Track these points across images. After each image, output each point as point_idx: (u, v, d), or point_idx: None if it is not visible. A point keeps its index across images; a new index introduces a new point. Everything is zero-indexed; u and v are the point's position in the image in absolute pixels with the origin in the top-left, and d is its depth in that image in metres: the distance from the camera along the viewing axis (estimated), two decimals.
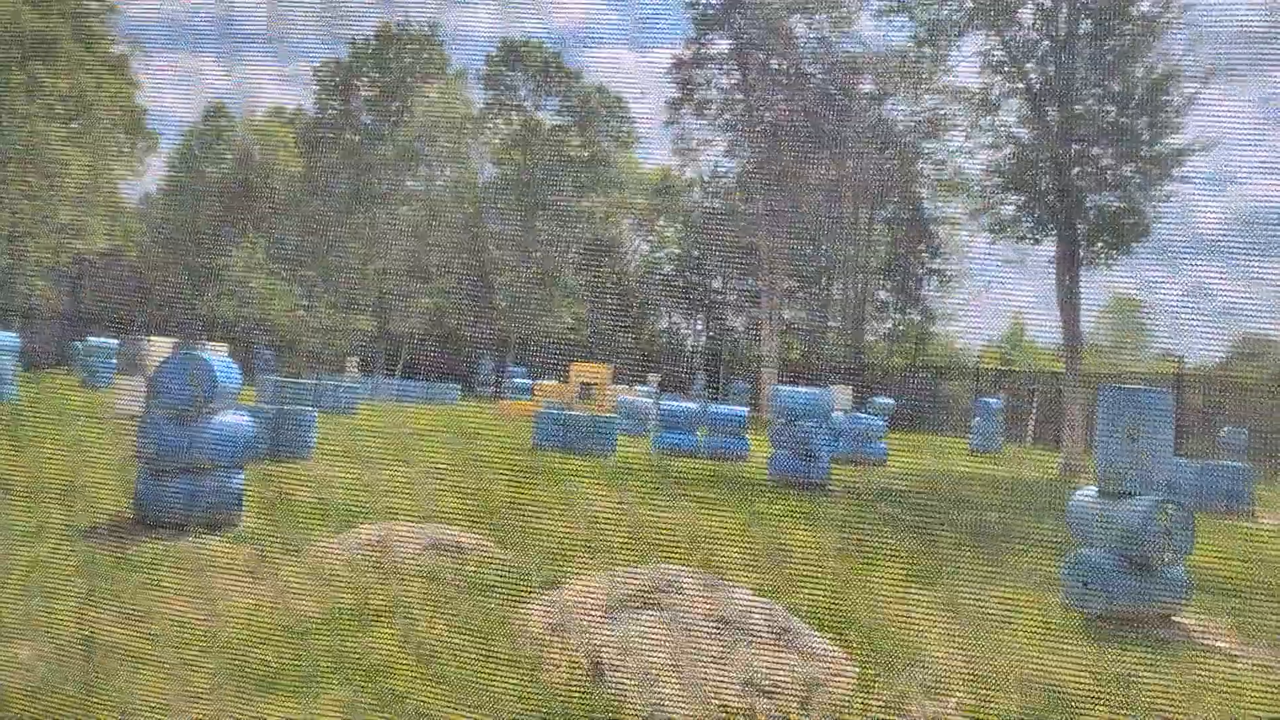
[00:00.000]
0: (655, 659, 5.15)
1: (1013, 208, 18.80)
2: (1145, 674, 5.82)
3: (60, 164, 24.39)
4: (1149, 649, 6.41)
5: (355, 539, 7.51)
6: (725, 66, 27.53)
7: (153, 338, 17.45)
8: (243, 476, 8.57)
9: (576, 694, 4.97)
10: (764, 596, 5.94)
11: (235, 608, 6.04)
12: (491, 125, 32.87)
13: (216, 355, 9.37)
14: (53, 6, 23.93)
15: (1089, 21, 17.48)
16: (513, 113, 32.58)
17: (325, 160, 30.62)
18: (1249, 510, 12.41)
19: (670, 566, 6.26)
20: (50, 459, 9.32)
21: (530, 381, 23.74)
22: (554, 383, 23.34)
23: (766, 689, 4.93)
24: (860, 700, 4.94)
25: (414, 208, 31.45)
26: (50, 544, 6.97)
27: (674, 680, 4.94)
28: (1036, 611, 6.80)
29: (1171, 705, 5.42)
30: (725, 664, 5.13)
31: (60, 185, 24.85)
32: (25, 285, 24.49)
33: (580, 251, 32.19)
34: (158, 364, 8.95)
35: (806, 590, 6.52)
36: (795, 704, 4.81)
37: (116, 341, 19.60)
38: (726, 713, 4.71)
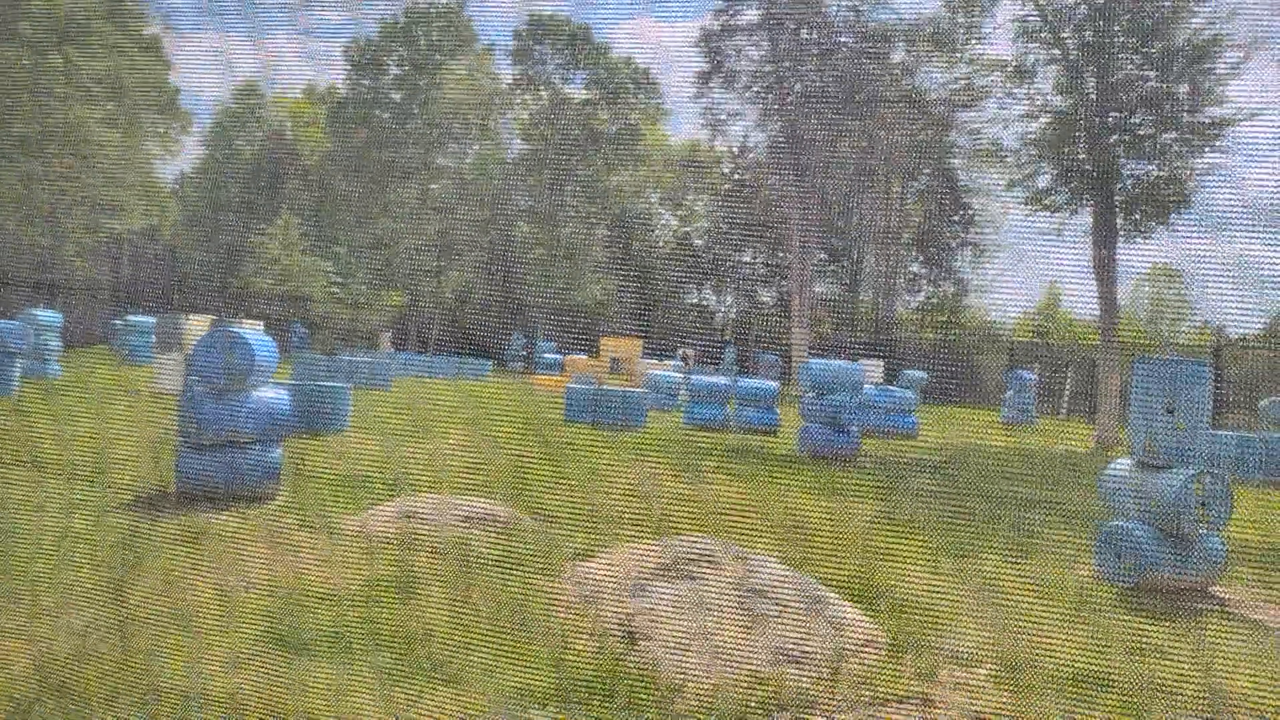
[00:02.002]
0: (687, 628, 5.21)
1: (1048, 178, 18.50)
2: (1179, 645, 5.80)
3: (97, 145, 24.75)
4: (1183, 620, 6.38)
5: (391, 511, 7.64)
6: (754, 37, 27.23)
7: (190, 315, 17.74)
8: (280, 451, 8.75)
9: (609, 662, 5.05)
10: (794, 568, 5.98)
11: (274, 578, 6.19)
12: (520, 100, 32.84)
13: (253, 332, 9.53)
14: None
15: None
16: (541, 88, 32.52)
17: (356, 138, 30.79)
18: None
19: (701, 538, 6.32)
20: (94, 435, 9.56)
21: (560, 356, 23.86)
22: (584, 357, 23.45)
23: (796, 658, 4.98)
24: (890, 669, 4.97)
25: (444, 184, 31.58)
26: (94, 517, 7.16)
27: (705, 649, 5.00)
28: (1069, 583, 6.78)
29: (1206, 677, 5.40)
30: (756, 633, 5.19)
31: (97, 165, 25.22)
32: (65, 264, 24.96)
33: (609, 226, 32.17)
34: (196, 341, 9.13)
35: (836, 562, 6.55)
36: (825, 673, 4.85)
37: (155, 319, 19.95)
38: (757, 680, 4.76)
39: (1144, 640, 5.78)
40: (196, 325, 16.00)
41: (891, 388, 17.70)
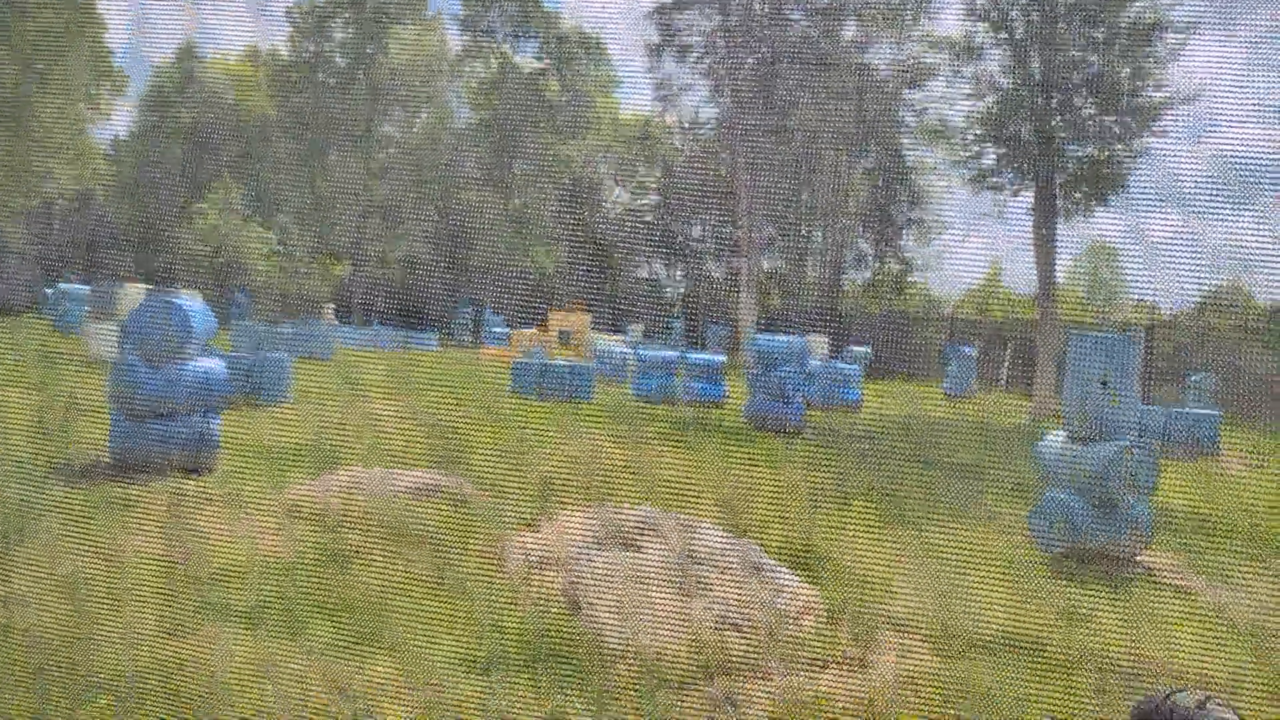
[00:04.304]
0: (631, 595, 5.26)
1: (993, 157, 18.79)
2: (1105, 609, 6.00)
3: (28, 106, 23.79)
4: (1110, 586, 6.60)
5: (334, 481, 7.56)
6: (706, 10, 27.10)
7: (125, 283, 17.23)
8: (219, 421, 8.57)
9: (554, 628, 5.07)
10: (738, 536, 6.05)
11: (213, 548, 6.09)
12: (469, 68, 32.30)
13: (190, 300, 9.30)
14: None
15: None
16: (491, 56, 32.01)
17: (298, 103, 30.03)
18: (1215, 454, 12.67)
19: (647, 508, 6.36)
20: (24, 403, 9.26)
21: (508, 329, 23.69)
22: (532, 330, 23.32)
23: (738, 624, 5.05)
24: (829, 633, 5.07)
25: (390, 152, 31.01)
26: (26, 486, 6.96)
27: (648, 616, 5.05)
28: (1003, 550, 6.97)
29: (1131, 639, 5.60)
30: (698, 600, 5.25)
31: (28, 128, 24.27)
32: None
33: (559, 198, 31.93)
34: (131, 309, 8.88)
35: (779, 530, 6.65)
36: (765, 637, 4.93)
37: (88, 287, 19.34)
38: (699, 646, 4.82)
39: (1073, 605, 5.98)
40: (132, 293, 15.55)
41: (836, 361, 17.93)
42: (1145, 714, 1.63)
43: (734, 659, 4.80)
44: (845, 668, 4.83)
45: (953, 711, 4.40)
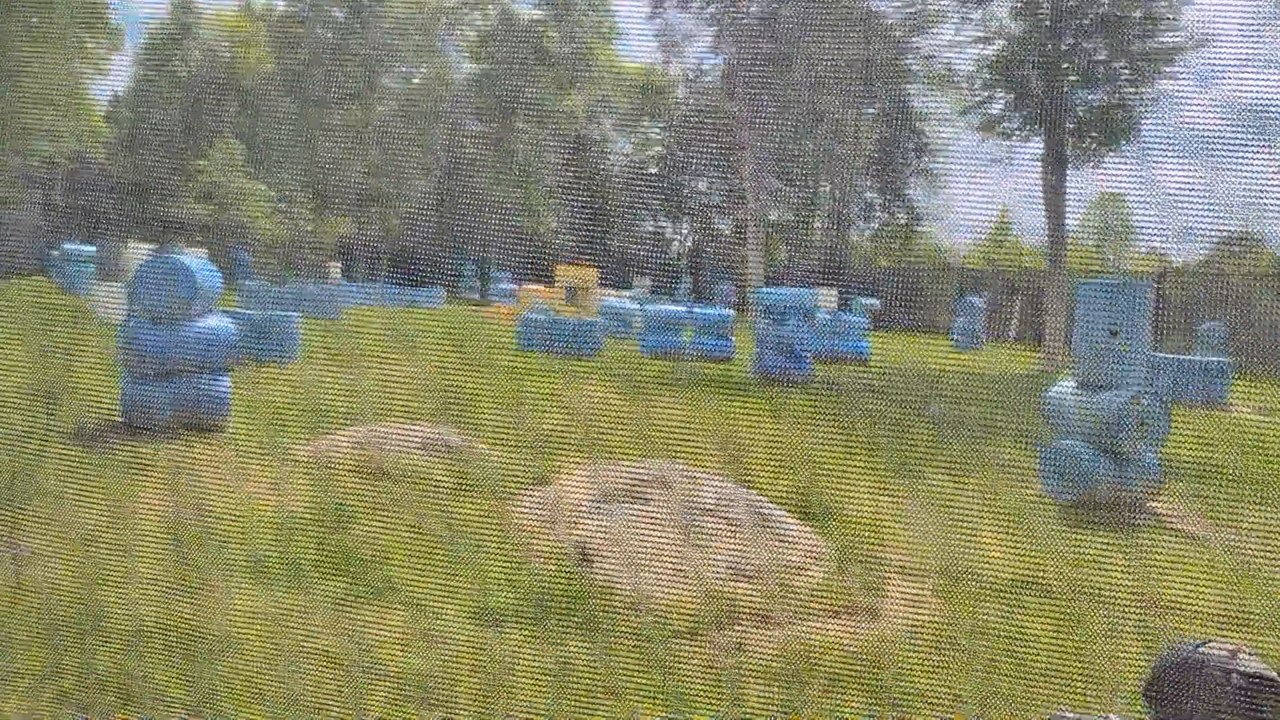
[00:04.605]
0: (641, 547, 5.29)
1: (1001, 104, 18.50)
2: (1115, 556, 6.03)
3: (22, 63, 23.52)
4: (1120, 533, 6.62)
5: (345, 439, 7.58)
6: None
7: (130, 242, 17.18)
8: (229, 380, 8.59)
9: (565, 581, 5.11)
10: (745, 488, 6.07)
11: (227, 506, 6.13)
12: (467, 18, 31.81)
13: (195, 259, 9.27)
14: None
15: None
16: (489, 5, 31.49)
17: (298, 58, 29.66)
18: (1224, 401, 12.65)
19: (656, 461, 6.37)
20: (34, 364, 9.28)
21: (515, 285, 23.61)
22: (539, 286, 23.23)
23: (748, 574, 5.08)
24: (838, 582, 5.10)
25: (391, 106, 30.67)
26: (36, 448, 7.00)
27: (659, 567, 5.08)
28: (1013, 499, 6.99)
29: (1141, 585, 5.63)
30: (709, 551, 5.28)
31: (23, 86, 24.02)
32: None
33: (563, 152, 31.61)
34: (136, 268, 8.85)
35: (788, 482, 6.66)
36: (775, 586, 4.97)
37: (93, 247, 19.29)
38: (710, 595, 4.86)
39: (1083, 552, 6.00)
40: (138, 253, 15.51)
41: (844, 313, 17.86)
42: (1174, 665, 1.61)
43: (742, 608, 4.84)
44: (854, 616, 4.87)
45: (962, 658, 4.44)
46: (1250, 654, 1.56)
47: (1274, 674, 1.54)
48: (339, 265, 26.97)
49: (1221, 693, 1.52)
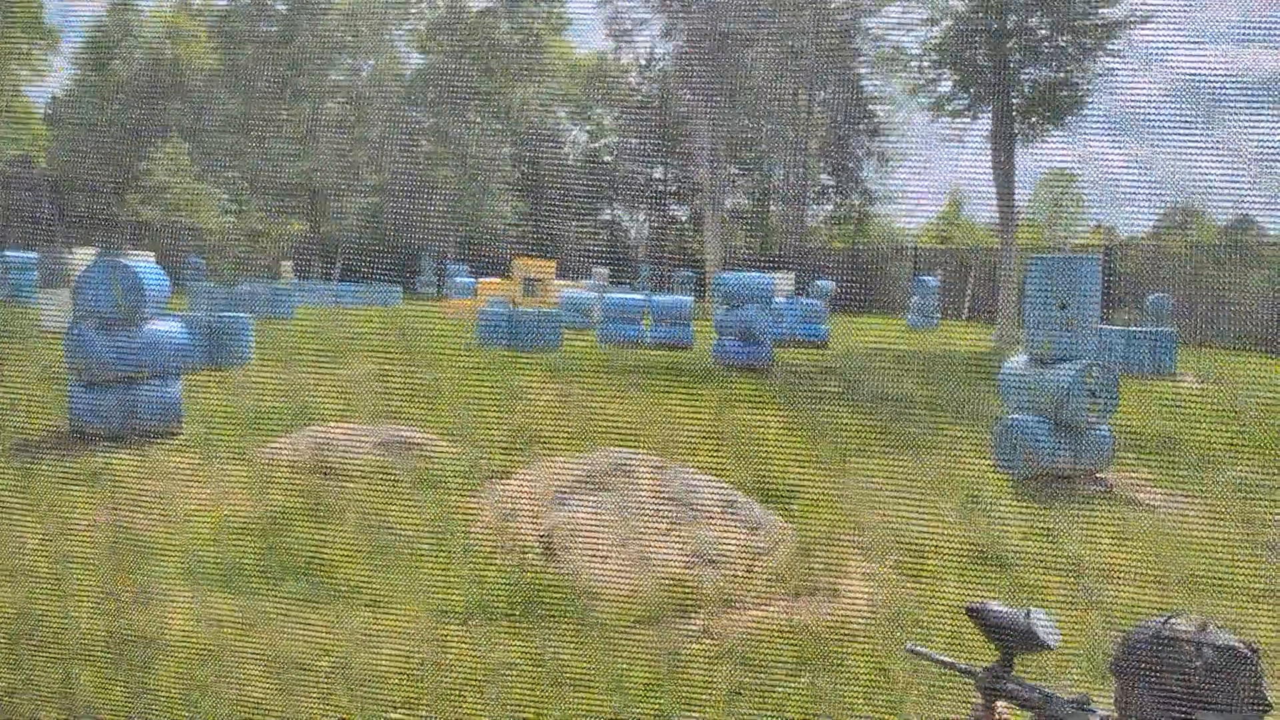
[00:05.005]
0: (606, 538, 5.29)
1: (949, 84, 18.70)
2: (1070, 527, 6.15)
3: None
4: (1074, 504, 6.76)
5: (303, 440, 7.49)
6: None
7: (74, 249, 16.77)
8: (180, 385, 8.43)
9: (530, 575, 5.10)
10: (708, 475, 6.10)
11: (184, 512, 6.03)
12: (415, 9, 31.41)
13: (141, 262, 9.07)
14: None
15: None
16: None
17: (241, 54, 29.07)
18: (1172, 372, 12.94)
19: (618, 451, 6.37)
20: None
21: (473, 279, 23.44)
22: (497, 279, 23.08)
23: (713, 559, 5.11)
24: (802, 564, 5.15)
25: (340, 101, 30.21)
26: None
27: (622, 556, 5.09)
28: (969, 475, 7.10)
29: (1095, 554, 5.76)
30: (674, 539, 5.30)
31: None
32: None
33: (517, 143, 31.38)
34: (79, 273, 8.64)
35: (751, 467, 6.70)
36: (740, 571, 5.00)
37: (36, 254, 18.82)
38: (674, 583, 4.88)
39: (1036, 524, 6.12)
40: (82, 259, 15.14)
41: (802, 298, 17.97)
42: (1143, 640, 1.63)
43: (709, 593, 4.87)
44: (819, 596, 4.92)
45: (922, 633, 4.50)
46: (1219, 626, 1.58)
47: (1244, 646, 1.56)
48: (291, 264, 26.59)
49: (1192, 667, 1.54)
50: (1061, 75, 17.29)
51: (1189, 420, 8.85)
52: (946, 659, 2.00)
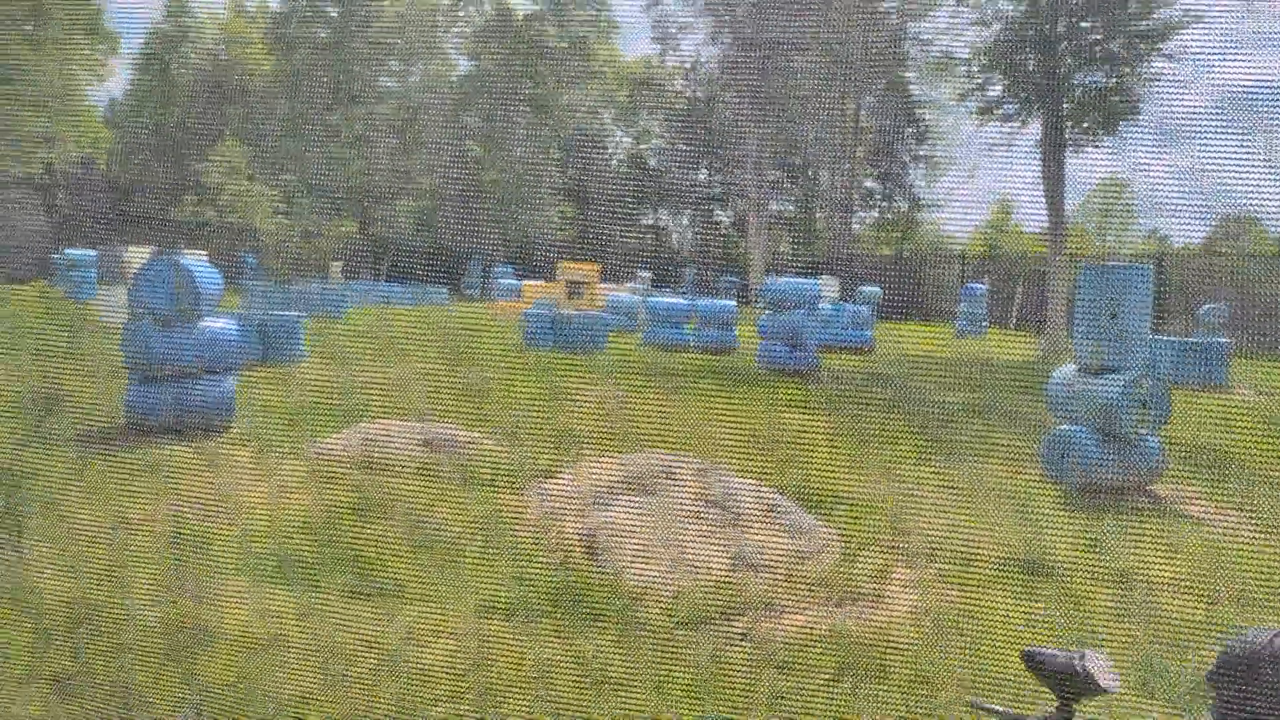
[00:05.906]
0: (648, 539, 5.33)
1: (999, 89, 18.45)
2: (1119, 540, 6.06)
3: (21, 70, 23.57)
4: (1123, 517, 6.65)
5: (352, 437, 7.63)
6: None
7: (131, 247, 17.23)
8: (233, 381, 8.63)
9: (573, 574, 5.16)
10: (752, 479, 6.10)
11: (236, 506, 6.18)
12: (464, 15, 31.78)
13: (196, 261, 9.31)
14: None
15: None
16: (484, 2, 31.45)
17: (296, 58, 29.65)
18: (1224, 384, 12.64)
19: (662, 453, 6.41)
20: (40, 370, 9.34)
21: (519, 281, 23.64)
22: (542, 282, 23.25)
23: (755, 564, 5.12)
24: (845, 571, 5.14)
25: (390, 106, 30.65)
26: (45, 452, 7.06)
27: (666, 558, 5.12)
28: (1016, 485, 7.01)
29: (1144, 568, 5.66)
30: (715, 542, 5.32)
31: (23, 93, 24.06)
32: None
33: (563, 147, 31.59)
34: (136, 272, 8.89)
35: (794, 472, 6.70)
36: (783, 576, 5.01)
37: (95, 253, 19.38)
38: (717, 586, 4.90)
39: (1085, 536, 6.03)
40: (139, 257, 15.56)
41: (847, 303, 17.87)
42: (1245, 655, 1.62)
43: (752, 598, 4.88)
44: (862, 603, 4.90)
45: (969, 642, 4.48)
46: None
47: None
48: (341, 264, 27.04)
49: None
50: (1114, 80, 16.98)
51: (1241, 433, 8.65)
52: (1011, 713, 1.99)
